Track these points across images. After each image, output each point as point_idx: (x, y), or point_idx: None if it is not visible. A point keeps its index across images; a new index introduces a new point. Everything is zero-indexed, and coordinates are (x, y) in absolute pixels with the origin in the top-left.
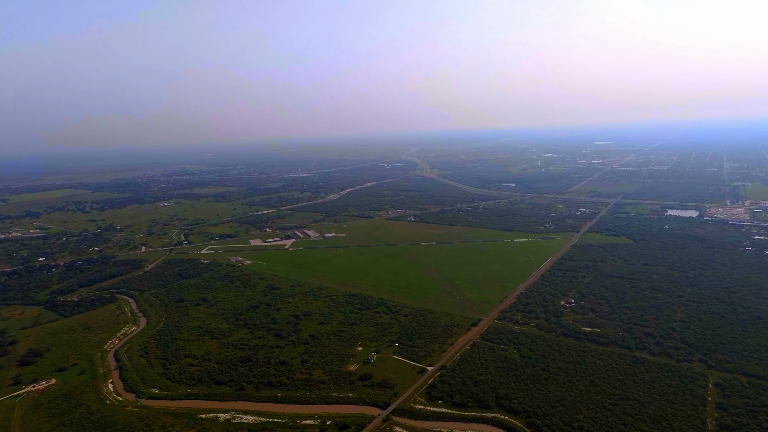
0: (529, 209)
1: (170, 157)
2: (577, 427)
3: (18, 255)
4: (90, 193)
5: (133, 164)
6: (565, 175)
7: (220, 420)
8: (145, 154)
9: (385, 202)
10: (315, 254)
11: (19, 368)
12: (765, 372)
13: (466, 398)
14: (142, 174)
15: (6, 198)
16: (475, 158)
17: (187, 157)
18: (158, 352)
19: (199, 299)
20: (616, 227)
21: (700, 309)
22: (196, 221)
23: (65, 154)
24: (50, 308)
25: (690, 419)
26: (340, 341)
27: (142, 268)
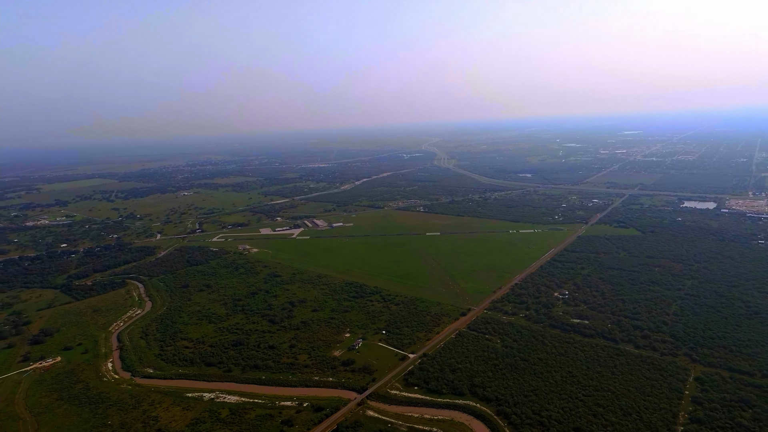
0: (541, 200)
1: (198, 148)
2: (545, 416)
3: (43, 241)
4: (117, 183)
5: (161, 155)
6: (584, 166)
7: (204, 399)
8: (176, 145)
9: (397, 192)
10: (320, 243)
11: (30, 346)
12: (750, 367)
13: (441, 385)
14: (168, 164)
15: (39, 187)
16: (495, 148)
17: (215, 147)
18: (157, 334)
19: (202, 285)
20: (626, 219)
21: (696, 303)
22: (212, 210)
23: (100, 145)
24: (65, 291)
25: (661, 412)
26: (329, 328)
27: (154, 254)
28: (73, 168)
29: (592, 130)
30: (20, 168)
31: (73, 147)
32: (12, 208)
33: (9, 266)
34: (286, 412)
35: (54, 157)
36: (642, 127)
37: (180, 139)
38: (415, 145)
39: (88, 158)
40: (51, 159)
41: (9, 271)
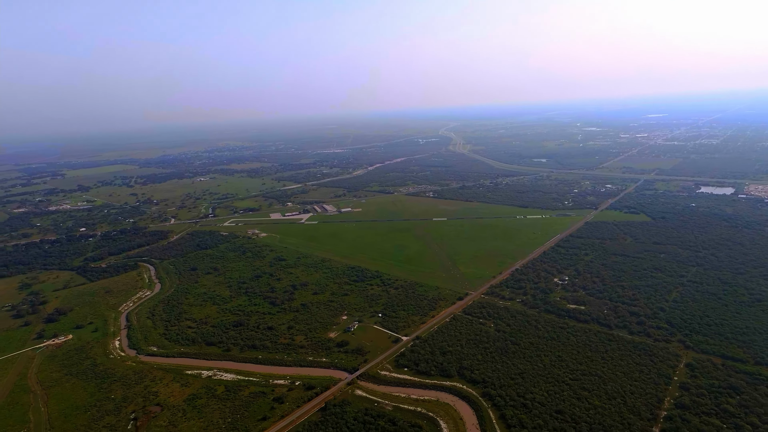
0: (553, 185)
1: (225, 134)
2: (529, 398)
3: (64, 225)
4: (138, 169)
5: (182, 141)
6: (602, 150)
7: (202, 376)
8: (202, 129)
9: (408, 177)
10: (327, 228)
11: (45, 324)
12: (744, 354)
13: (430, 367)
14: (188, 150)
15: (64, 173)
16: (513, 133)
17: (235, 134)
18: (163, 314)
19: (210, 268)
20: (637, 204)
21: (698, 289)
22: (225, 195)
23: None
24: (81, 273)
25: (647, 397)
26: (328, 310)
27: (167, 238)
28: (97, 154)
29: (615, 113)
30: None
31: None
32: (37, 194)
33: (30, 249)
34: (278, 390)
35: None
36: (668, 110)
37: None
38: (433, 131)
39: (111, 145)
40: (79, 143)
41: (30, 253)
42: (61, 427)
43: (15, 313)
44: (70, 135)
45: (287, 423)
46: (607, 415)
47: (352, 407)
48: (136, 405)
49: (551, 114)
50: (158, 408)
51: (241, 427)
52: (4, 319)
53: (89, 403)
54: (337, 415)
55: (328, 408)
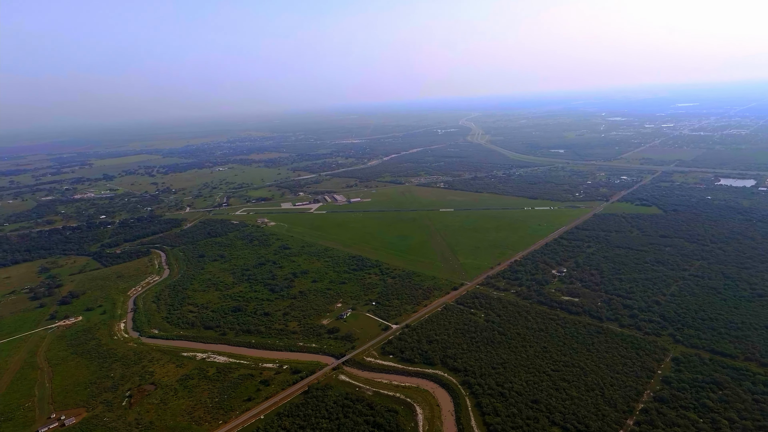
0: (566, 177)
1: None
2: (507, 387)
3: (86, 213)
4: (161, 158)
5: (206, 132)
6: (623, 141)
7: (197, 358)
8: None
9: (421, 168)
10: (335, 218)
11: (58, 306)
12: (735, 350)
13: (414, 354)
14: (211, 141)
15: (92, 162)
16: (535, 123)
17: (258, 124)
18: (168, 299)
19: (217, 255)
20: (650, 197)
21: (698, 284)
22: (241, 185)
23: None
24: (96, 258)
25: (626, 389)
26: (324, 298)
27: (180, 226)
28: (125, 144)
29: (643, 103)
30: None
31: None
32: (65, 182)
33: (53, 235)
34: (266, 373)
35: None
36: (699, 99)
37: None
38: (453, 121)
39: (139, 135)
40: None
41: (52, 239)
42: (62, 402)
43: (32, 296)
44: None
45: (270, 404)
46: (582, 406)
47: (333, 391)
48: (132, 383)
49: (577, 104)
50: (152, 386)
51: (226, 406)
52: (21, 301)
53: (90, 380)
54: (319, 398)
55: (310, 391)
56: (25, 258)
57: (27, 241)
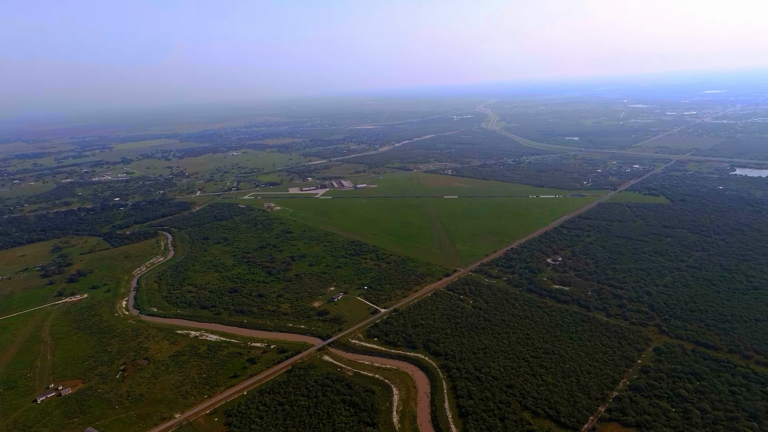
0: (576, 165)
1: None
2: (485, 372)
3: (101, 195)
4: (178, 143)
5: (224, 116)
6: (641, 129)
7: (190, 336)
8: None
9: (432, 154)
10: (339, 203)
11: (66, 284)
12: (720, 342)
13: (398, 338)
14: (228, 126)
15: (112, 146)
16: (553, 109)
17: (276, 109)
18: (169, 279)
19: (220, 238)
20: (659, 186)
21: (694, 275)
22: (252, 170)
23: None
24: (107, 239)
25: (602, 377)
26: (318, 281)
27: (189, 209)
28: (145, 128)
29: (669, 90)
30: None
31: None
32: (84, 165)
33: (68, 216)
34: (254, 352)
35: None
36: (728, 86)
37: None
38: (470, 107)
39: (159, 119)
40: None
41: (67, 219)
42: (61, 374)
43: (43, 273)
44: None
45: (254, 381)
46: (556, 392)
47: (316, 371)
48: (127, 358)
49: (599, 90)
50: (145, 361)
51: (212, 382)
52: (33, 278)
53: (89, 354)
54: (300, 377)
55: (294, 370)
56: (40, 237)
57: (44, 222)
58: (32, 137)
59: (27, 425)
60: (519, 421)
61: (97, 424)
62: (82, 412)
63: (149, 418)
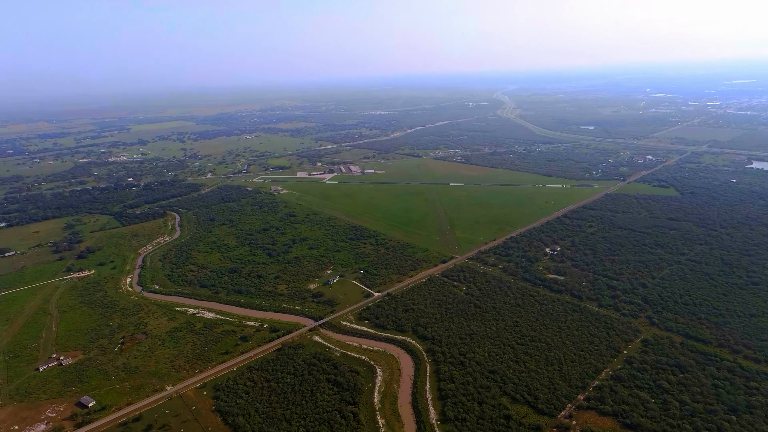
0: (587, 155)
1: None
2: (469, 357)
3: (116, 175)
4: (194, 125)
5: (241, 99)
6: (660, 119)
7: (188, 313)
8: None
9: (442, 141)
10: (345, 188)
11: (75, 260)
12: (710, 336)
13: (388, 321)
14: (244, 109)
15: (130, 127)
16: (572, 98)
17: (293, 93)
18: (173, 258)
19: (226, 220)
20: (670, 178)
21: (693, 268)
22: (263, 153)
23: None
24: (117, 218)
25: (585, 366)
26: (317, 264)
27: (199, 191)
28: (163, 111)
29: (695, 78)
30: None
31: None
32: (102, 145)
33: (83, 194)
34: (247, 330)
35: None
36: (759, 75)
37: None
38: (488, 94)
39: (176, 101)
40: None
41: (82, 198)
42: (63, 345)
43: (54, 249)
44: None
45: (244, 358)
46: (537, 379)
47: (305, 350)
48: (126, 332)
49: (621, 78)
50: (143, 336)
51: (205, 357)
52: (45, 253)
53: (91, 327)
54: (289, 355)
55: (283, 349)
56: (54, 215)
57: (59, 199)
58: (55, 117)
59: (28, 392)
60: (497, 405)
61: (92, 393)
62: (80, 381)
63: (142, 390)
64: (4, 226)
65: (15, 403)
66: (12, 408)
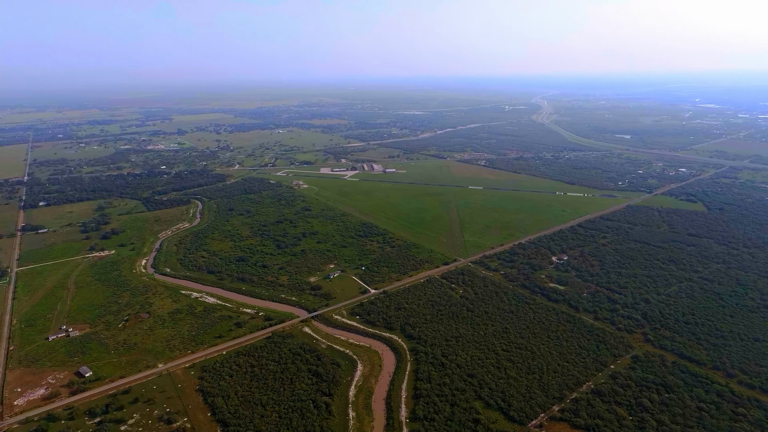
0: (617, 164)
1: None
2: (451, 359)
3: (151, 162)
4: (232, 118)
5: (281, 94)
6: (703, 131)
7: (191, 297)
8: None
9: (470, 144)
10: (364, 186)
11: (99, 240)
12: (706, 357)
13: (377, 319)
14: (283, 104)
15: (172, 117)
16: (614, 105)
17: (332, 90)
18: (188, 244)
19: (244, 210)
20: (700, 192)
21: (703, 287)
22: (292, 148)
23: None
24: (145, 203)
25: (567, 377)
26: (321, 258)
27: (224, 181)
28: (206, 102)
29: (754, 89)
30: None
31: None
32: (144, 134)
33: (117, 179)
34: (242, 317)
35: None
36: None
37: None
38: (527, 98)
39: (219, 93)
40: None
41: (116, 183)
42: (74, 318)
43: (83, 229)
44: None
45: (235, 343)
46: (514, 386)
47: (293, 340)
48: (132, 310)
49: (672, 87)
50: (147, 315)
51: (198, 340)
52: (73, 233)
53: (101, 303)
54: (277, 343)
55: (273, 337)
56: (89, 197)
57: (95, 183)
58: (107, 105)
59: (35, 358)
60: (468, 408)
61: (91, 364)
62: (82, 352)
63: (136, 365)
64: (43, 205)
65: (22, 368)
66: (19, 372)
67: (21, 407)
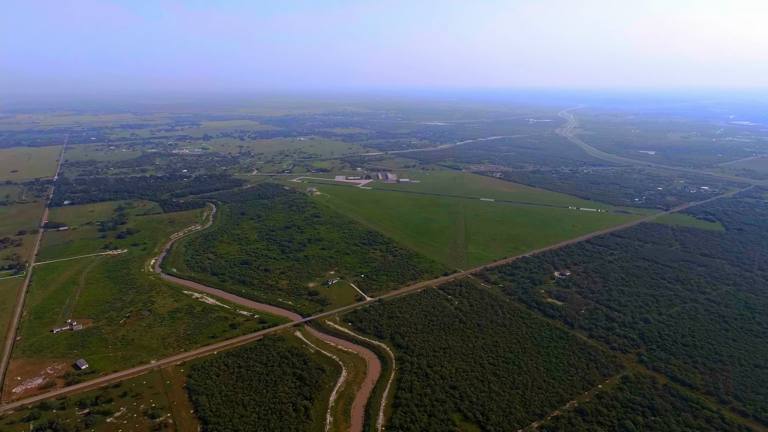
0: (636, 180)
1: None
2: (436, 370)
3: (174, 166)
4: (257, 125)
5: (306, 103)
6: (733, 148)
7: (192, 297)
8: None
9: (488, 156)
10: (375, 194)
11: (114, 239)
12: (699, 382)
13: (369, 326)
14: (307, 112)
15: (200, 123)
16: (642, 120)
17: (358, 99)
18: (197, 246)
19: (255, 215)
20: (719, 212)
21: (708, 309)
22: (310, 156)
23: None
24: (162, 205)
25: (551, 394)
26: (323, 264)
27: (241, 186)
28: (234, 109)
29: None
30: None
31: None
32: (171, 138)
33: (140, 181)
34: (238, 319)
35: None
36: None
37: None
38: (553, 111)
39: (250, 100)
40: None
41: (138, 184)
42: (80, 312)
43: (100, 228)
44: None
45: (227, 344)
46: (496, 400)
47: (283, 344)
48: (134, 307)
49: (707, 102)
50: (147, 313)
51: (192, 339)
52: (91, 231)
53: (107, 300)
54: (267, 346)
55: (264, 340)
56: (111, 197)
57: (119, 184)
58: (140, 110)
59: (39, 349)
60: (445, 420)
61: (88, 357)
62: (82, 345)
63: (130, 360)
64: (67, 203)
65: (25, 358)
66: (21, 362)
67: (18, 395)
